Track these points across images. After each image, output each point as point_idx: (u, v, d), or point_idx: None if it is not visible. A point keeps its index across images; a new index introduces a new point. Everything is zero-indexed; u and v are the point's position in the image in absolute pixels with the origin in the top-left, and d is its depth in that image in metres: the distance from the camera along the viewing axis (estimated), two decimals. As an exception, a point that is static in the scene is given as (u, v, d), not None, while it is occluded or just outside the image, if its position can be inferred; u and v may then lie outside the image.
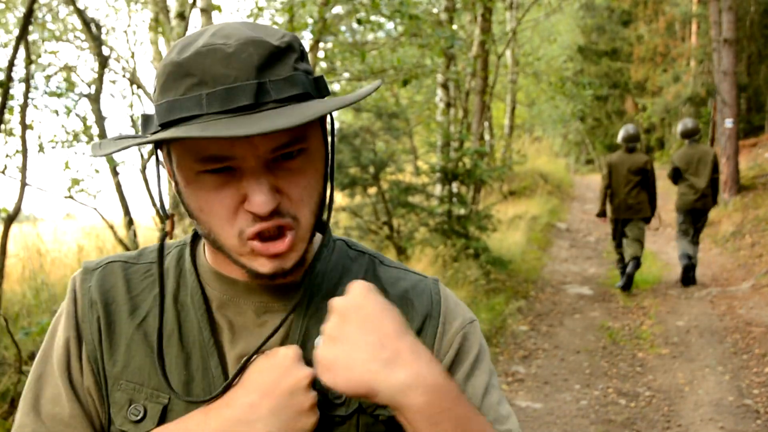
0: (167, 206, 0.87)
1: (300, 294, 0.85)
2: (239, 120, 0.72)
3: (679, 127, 7.63)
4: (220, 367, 0.83)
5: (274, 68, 0.75)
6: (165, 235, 0.88)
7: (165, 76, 0.76)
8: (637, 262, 7.44)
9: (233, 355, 0.85)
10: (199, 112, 0.73)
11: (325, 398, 0.83)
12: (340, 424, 0.84)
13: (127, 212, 5.97)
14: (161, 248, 0.88)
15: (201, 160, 0.75)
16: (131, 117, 7.23)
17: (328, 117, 0.86)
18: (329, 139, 0.86)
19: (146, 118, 0.80)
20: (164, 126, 0.76)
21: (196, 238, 0.94)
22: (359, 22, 6.46)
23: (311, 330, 0.86)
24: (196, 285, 0.87)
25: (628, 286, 7.56)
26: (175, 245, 0.93)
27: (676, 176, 7.49)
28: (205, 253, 0.90)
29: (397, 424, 0.85)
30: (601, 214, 7.60)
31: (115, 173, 6.00)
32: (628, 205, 7.27)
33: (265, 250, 0.78)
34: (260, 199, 0.75)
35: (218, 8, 5.78)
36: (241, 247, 0.79)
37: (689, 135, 7.45)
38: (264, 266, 0.79)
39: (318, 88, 0.80)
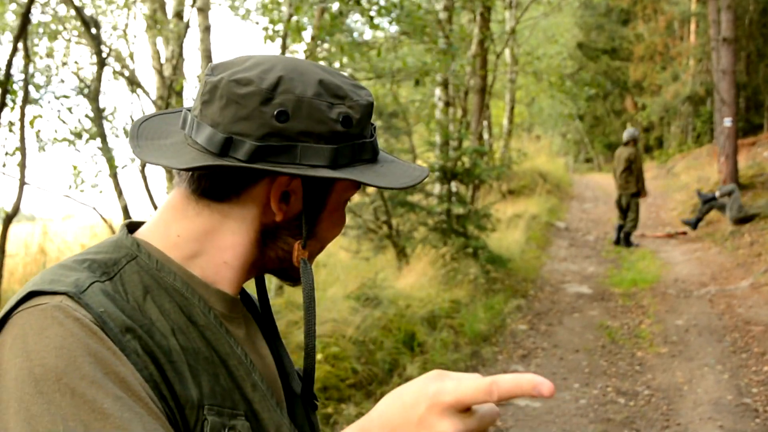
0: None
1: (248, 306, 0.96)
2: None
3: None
4: (260, 378, 0.82)
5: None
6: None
7: None
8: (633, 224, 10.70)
9: (260, 366, 0.86)
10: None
11: None
12: None
13: (126, 212, 5.96)
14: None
15: None
16: (131, 117, 7.22)
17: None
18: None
19: None
20: None
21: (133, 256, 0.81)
22: (371, 20, 6.37)
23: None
24: (203, 302, 0.81)
25: (626, 242, 10.63)
26: (119, 264, 0.78)
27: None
28: (175, 269, 0.81)
29: None
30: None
31: (115, 174, 5.99)
32: (620, 184, 10.54)
33: None
34: None
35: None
36: None
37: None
38: None
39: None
